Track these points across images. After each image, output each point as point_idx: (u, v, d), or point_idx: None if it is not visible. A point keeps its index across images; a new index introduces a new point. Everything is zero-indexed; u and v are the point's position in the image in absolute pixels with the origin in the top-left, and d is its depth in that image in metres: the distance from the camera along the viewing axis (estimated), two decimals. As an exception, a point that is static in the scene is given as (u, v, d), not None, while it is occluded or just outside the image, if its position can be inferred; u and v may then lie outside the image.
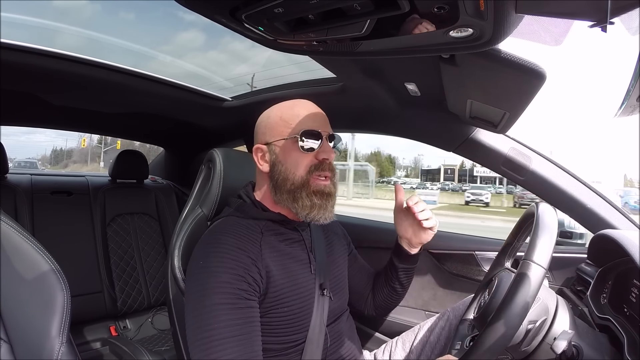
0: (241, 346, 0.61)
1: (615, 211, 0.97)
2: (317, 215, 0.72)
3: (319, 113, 0.77)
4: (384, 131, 1.34)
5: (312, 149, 0.72)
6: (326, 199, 0.73)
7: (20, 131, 24.64)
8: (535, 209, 0.70)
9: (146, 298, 1.73)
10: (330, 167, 0.75)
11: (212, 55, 1.68)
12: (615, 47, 56.65)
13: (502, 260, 0.87)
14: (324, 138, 0.73)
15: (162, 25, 3.41)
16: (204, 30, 2.26)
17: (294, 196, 0.72)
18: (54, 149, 36.16)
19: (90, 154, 30.11)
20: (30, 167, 13.66)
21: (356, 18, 0.50)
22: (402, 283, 0.92)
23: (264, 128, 0.77)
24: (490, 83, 0.72)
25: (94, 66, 1.16)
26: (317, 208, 0.72)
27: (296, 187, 0.72)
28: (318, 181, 0.73)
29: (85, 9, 1.87)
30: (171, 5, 1.30)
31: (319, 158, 0.73)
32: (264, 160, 0.76)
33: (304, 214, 0.72)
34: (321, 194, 0.72)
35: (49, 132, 40.05)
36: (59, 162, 30.58)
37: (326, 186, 0.73)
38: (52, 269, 0.60)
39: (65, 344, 0.58)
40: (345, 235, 0.97)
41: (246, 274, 0.65)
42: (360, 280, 0.97)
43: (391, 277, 0.93)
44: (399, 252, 0.91)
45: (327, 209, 0.73)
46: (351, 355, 0.83)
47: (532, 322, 0.65)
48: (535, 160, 1.02)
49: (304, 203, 0.71)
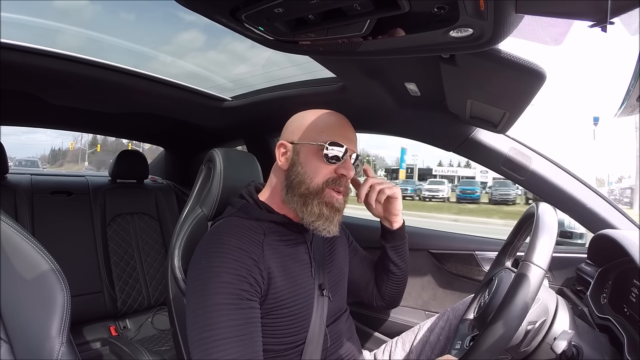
0: (242, 347, 0.61)
1: (615, 211, 0.97)
2: (322, 226, 0.72)
3: (351, 130, 0.77)
4: (384, 131, 1.34)
5: (334, 162, 0.72)
6: (334, 213, 0.73)
7: (21, 130, 25.10)
8: (535, 208, 0.70)
9: (146, 298, 1.73)
10: (346, 184, 0.75)
11: (211, 55, 1.69)
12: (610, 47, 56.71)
13: (502, 260, 0.87)
14: (348, 155, 0.73)
15: (162, 26, 3.39)
16: (204, 30, 2.28)
17: (304, 201, 0.72)
18: (52, 149, 38.54)
19: (81, 155, 32.94)
20: (31, 165, 13.70)
21: (356, 18, 0.50)
22: (395, 262, 0.92)
23: (295, 127, 0.77)
24: (490, 83, 0.72)
25: (94, 66, 1.16)
26: (324, 219, 0.72)
27: (310, 192, 0.72)
28: (332, 193, 0.73)
29: (86, 10, 1.86)
30: (171, 6, 1.30)
31: (337, 172, 0.73)
32: (284, 157, 0.76)
33: (310, 221, 0.72)
34: (331, 207, 0.72)
35: (49, 131, 41.77)
36: (56, 162, 32.80)
37: (338, 200, 0.73)
38: (52, 269, 0.60)
39: (65, 344, 0.58)
40: (343, 229, 0.97)
41: (248, 275, 0.65)
42: (364, 272, 0.97)
43: (384, 260, 0.93)
44: (383, 233, 0.92)
45: (332, 222, 0.73)
46: (351, 356, 0.83)
47: (531, 322, 0.65)
48: (535, 160, 1.02)
49: (313, 210, 0.71)
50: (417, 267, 1.25)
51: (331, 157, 0.71)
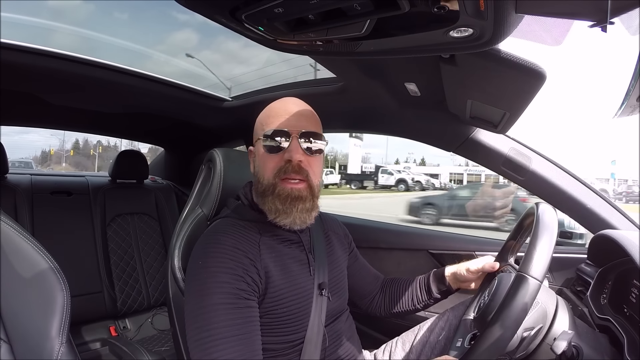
0: (241, 346, 0.60)
1: (615, 211, 0.97)
2: (283, 221, 0.69)
3: (294, 110, 0.72)
4: (384, 131, 1.34)
5: (278, 150, 0.69)
6: (291, 204, 0.68)
7: (14, 130, 26.06)
8: (535, 209, 0.69)
9: (146, 298, 1.73)
10: (298, 168, 0.69)
11: (205, 54, 1.69)
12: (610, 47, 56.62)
13: (502, 261, 0.87)
14: (292, 137, 0.69)
15: (158, 25, 3.31)
16: (197, 30, 2.23)
17: (263, 200, 0.71)
18: (42, 150, 42.17)
19: (62, 158, 37.74)
20: (25, 167, 13.62)
21: (356, 18, 0.50)
22: (427, 306, 0.94)
23: (255, 129, 0.76)
24: (490, 83, 0.72)
25: (94, 66, 1.16)
26: (281, 213, 0.69)
27: (265, 190, 0.70)
28: (286, 184, 0.69)
29: (80, 9, 1.86)
30: (166, 5, 1.30)
31: (285, 159, 0.69)
32: (252, 161, 0.76)
33: (272, 218, 0.70)
34: (284, 199, 0.68)
35: (42, 131, 43.99)
36: (44, 162, 36.15)
37: (293, 190, 0.68)
38: (52, 269, 0.60)
39: (65, 344, 0.58)
40: (346, 235, 0.97)
41: (245, 274, 0.65)
42: (362, 279, 0.97)
43: (421, 300, 0.93)
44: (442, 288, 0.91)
45: (291, 214, 0.68)
46: (350, 355, 0.82)
47: (528, 329, 0.65)
48: (535, 160, 1.02)
49: (270, 207, 0.69)
50: (417, 267, 1.24)
51: (273, 146, 0.68)
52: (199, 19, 0.59)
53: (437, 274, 0.92)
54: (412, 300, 0.94)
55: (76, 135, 38.73)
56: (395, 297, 0.96)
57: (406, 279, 0.97)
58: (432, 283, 0.92)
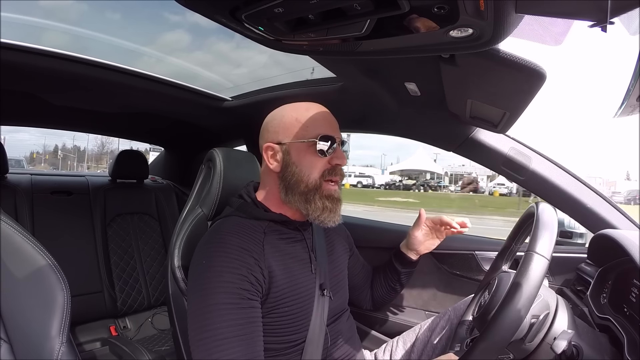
0: (243, 346, 0.60)
1: (615, 211, 0.97)
2: (327, 218, 0.73)
3: (333, 118, 0.77)
4: (384, 131, 1.34)
5: (327, 153, 0.73)
6: (336, 203, 0.74)
7: (4, 130, 26.76)
8: (535, 209, 0.70)
9: (146, 298, 1.73)
10: (341, 172, 0.76)
11: (197, 55, 1.68)
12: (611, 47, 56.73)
13: (501, 261, 0.87)
14: (337, 143, 0.74)
15: (151, 25, 3.31)
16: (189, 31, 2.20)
17: (306, 198, 0.73)
18: (31, 152, 45.20)
19: (42, 160, 43.25)
20: (16, 165, 13.53)
21: (356, 18, 0.50)
22: (402, 284, 1.00)
23: (276, 127, 0.76)
24: (490, 83, 0.72)
25: (94, 66, 1.16)
26: (328, 211, 0.73)
27: (309, 189, 0.73)
28: (329, 186, 0.74)
29: (72, 8, 1.85)
30: (160, 6, 1.29)
31: (332, 163, 0.74)
32: (274, 159, 0.75)
33: (315, 216, 0.73)
34: (332, 199, 0.74)
35: (33, 130, 46.47)
36: (32, 162, 38.45)
37: (335, 191, 0.75)
38: (52, 268, 0.60)
39: (65, 344, 0.58)
40: (348, 236, 0.98)
41: (249, 274, 0.65)
42: (360, 279, 0.99)
43: (392, 278, 0.99)
44: (402, 259, 0.98)
45: (336, 212, 0.74)
46: (351, 355, 0.83)
47: (535, 316, 0.66)
48: (535, 160, 1.02)
49: (317, 205, 0.72)
50: (417, 267, 1.24)
51: (325, 150, 0.72)
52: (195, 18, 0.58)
53: (396, 250, 1.01)
54: (386, 280, 1.00)
55: (56, 141, 47.12)
56: (375, 283, 1.02)
57: (380, 265, 1.05)
58: (394, 258, 1.00)
